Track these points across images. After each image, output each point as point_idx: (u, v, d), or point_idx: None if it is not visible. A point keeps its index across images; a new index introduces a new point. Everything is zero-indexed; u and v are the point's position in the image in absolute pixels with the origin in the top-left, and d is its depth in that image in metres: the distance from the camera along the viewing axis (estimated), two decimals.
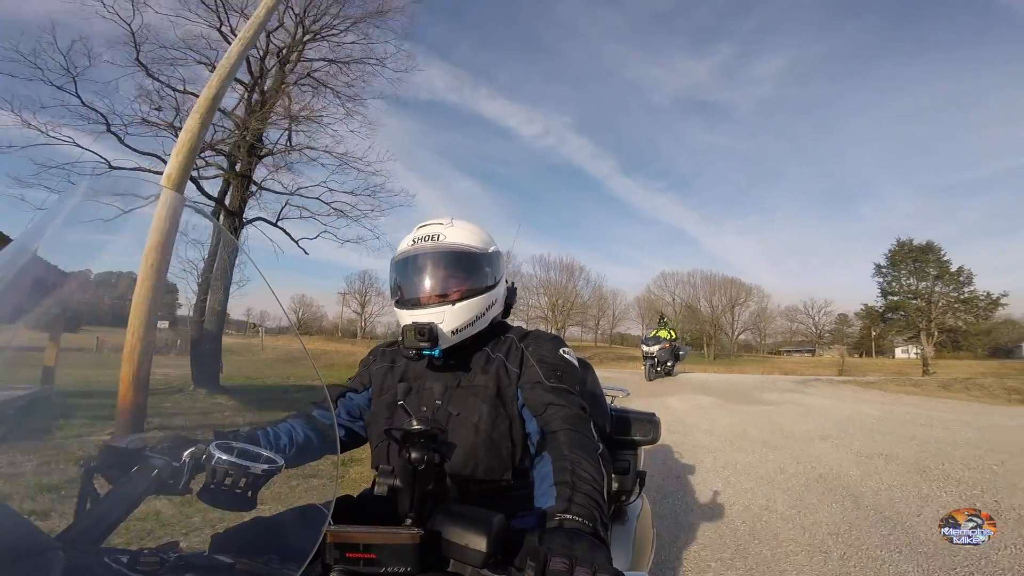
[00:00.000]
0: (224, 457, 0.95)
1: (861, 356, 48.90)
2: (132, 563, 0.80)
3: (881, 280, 38.31)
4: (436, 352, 1.36)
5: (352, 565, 0.79)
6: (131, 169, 10.57)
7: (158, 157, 10.58)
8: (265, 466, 0.96)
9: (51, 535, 0.79)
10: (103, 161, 10.42)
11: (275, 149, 12.33)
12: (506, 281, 1.56)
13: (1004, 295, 34.61)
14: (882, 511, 3.92)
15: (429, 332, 1.32)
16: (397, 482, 1.00)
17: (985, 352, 43.55)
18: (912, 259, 36.56)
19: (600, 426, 1.50)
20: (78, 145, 10.31)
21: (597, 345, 55.41)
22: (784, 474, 4.95)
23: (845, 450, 5.93)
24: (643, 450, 1.92)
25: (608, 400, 1.92)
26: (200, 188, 11.40)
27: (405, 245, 1.46)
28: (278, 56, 12.66)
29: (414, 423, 1.03)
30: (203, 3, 11.60)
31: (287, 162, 12.42)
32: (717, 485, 4.61)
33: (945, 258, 36.06)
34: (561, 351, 1.42)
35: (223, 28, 11.83)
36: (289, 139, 12.53)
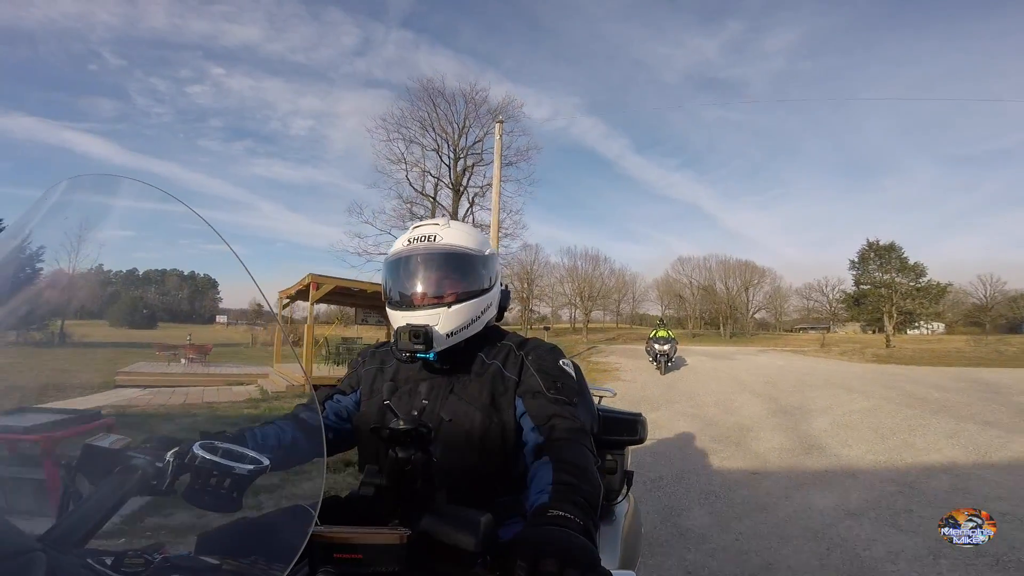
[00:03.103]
0: (208, 457, 0.93)
1: (874, 332, 48.27)
2: (116, 564, 0.80)
3: (854, 272, 47.88)
4: (431, 355, 1.32)
5: (340, 566, 0.78)
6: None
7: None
8: (250, 467, 0.94)
9: (32, 536, 0.77)
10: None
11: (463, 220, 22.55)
12: (500, 284, 1.51)
13: (949, 284, 44.14)
14: (737, 383, 13.60)
15: (424, 335, 1.28)
16: (383, 481, 1.00)
17: (998, 328, 49.23)
18: (878, 256, 45.94)
19: (588, 427, 1.40)
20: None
21: (619, 326, 61.75)
22: (730, 380, 14.56)
23: (744, 375, 15.47)
24: (630, 450, 1.90)
25: (595, 400, 1.84)
26: None
27: (400, 245, 1.42)
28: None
29: (401, 423, 1.00)
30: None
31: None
32: (717, 382, 14.18)
33: (904, 255, 45.44)
34: (560, 362, 1.41)
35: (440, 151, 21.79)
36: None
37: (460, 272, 1.38)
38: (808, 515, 3.60)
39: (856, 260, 47.70)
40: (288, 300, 15.62)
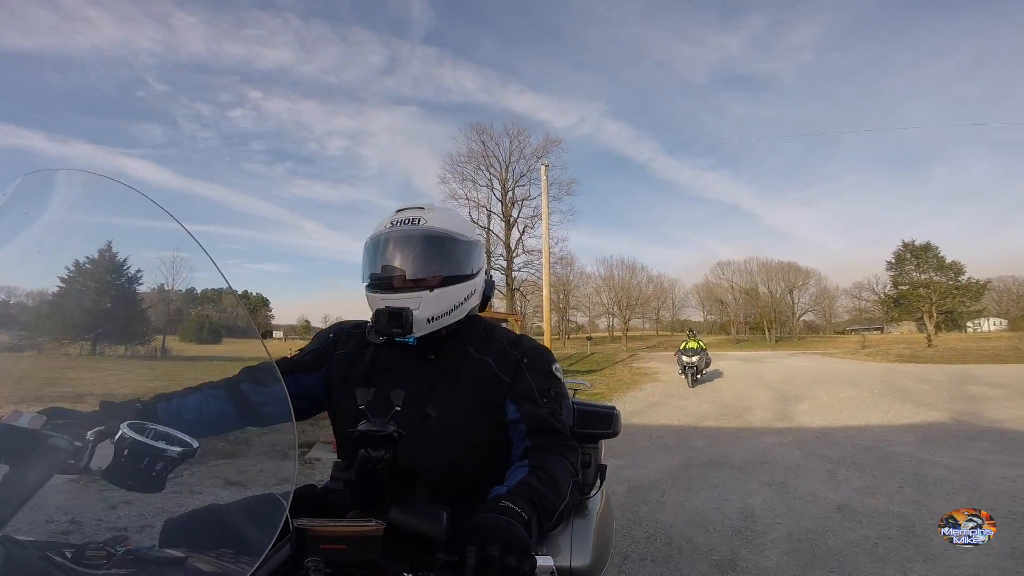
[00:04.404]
0: (138, 439, 0.90)
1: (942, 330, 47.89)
2: (77, 557, 0.79)
3: (892, 273, 49.09)
4: (410, 340, 1.30)
5: (325, 555, 0.82)
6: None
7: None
8: (180, 448, 0.92)
9: None
10: None
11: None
12: (485, 273, 1.47)
13: (988, 281, 44.95)
14: (758, 380, 16.38)
15: (403, 318, 1.25)
16: (352, 477, 1.03)
17: None
18: (914, 256, 47.10)
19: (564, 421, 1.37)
20: None
21: (659, 333, 63.64)
22: (752, 378, 17.33)
23: (768, 375, 18.21)
24: (603, 443, 1.91)
25: (570, 393, 1.78)
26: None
27: (382, 227, 1.36)
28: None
29: (372, 424, 1.02)
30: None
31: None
32: (740, 380, 17.04)
33: (941, 254, 46.45)
34: (553, 368, 1.39)
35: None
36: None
37: (443, 256, 1.33)
38: (757, 445, 6.66)
39: (892, 261, 48.87)
40: None
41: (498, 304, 30.17)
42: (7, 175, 1.00)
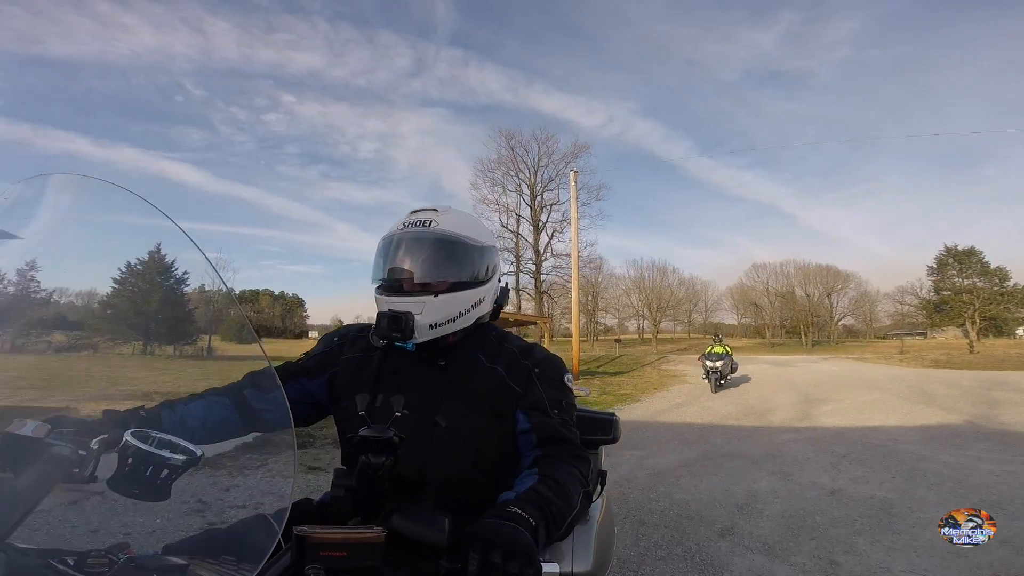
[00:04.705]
0: (142, 447, 0.91)
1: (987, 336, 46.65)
2: (79, 565, 0.80)
3: (933, 279, 47.93)
4: (409, 345, 1.29)
5: (326, 563, 0.82)
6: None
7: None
8: (183, 457, 0.93)
9: None
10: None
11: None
12: (499, 280, 1.45)
13: None
14: (786, 383, 16.66)
15: (404, 323, 1.23)
16: (353, 483, 1.02)
17: None
18: (957, 261, 45.88)
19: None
20: None
21: (690, 336, 62.74)
22: (780, 381, 17.61)
23: (796, 379, 18.42)
24: (603, 449, 1.94)
25: None
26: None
27: (394, 228, 1.35)
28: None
29: (372, 430, 1.03)
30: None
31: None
32: (767, 384, 17.35)
33: (985, 260, 45.14)
34: (565, 378, 1.38)
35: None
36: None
37: (452, 260, 1.30)
38: (772, 441, 7.22)
39: (934, 266, 47.68)
40: None
41: (526, 306, 30.98)
42: None
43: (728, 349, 15.06)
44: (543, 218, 32.21)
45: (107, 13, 65.53)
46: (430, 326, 1.26)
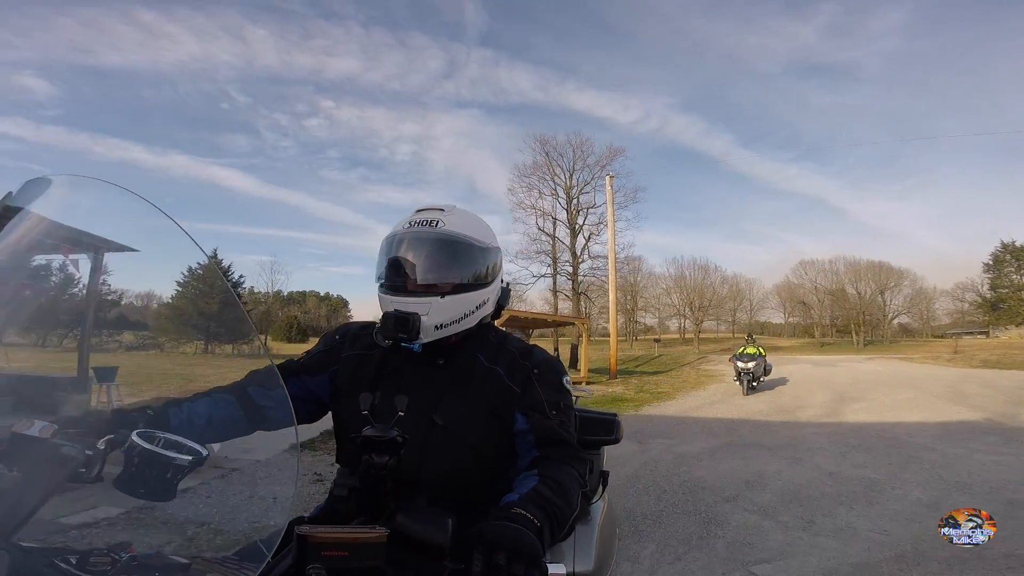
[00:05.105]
0: (149, 447, 0.92)
1: None
2: (82, 563, 0.81)
3: (989, 276, 46.24)
4: (415, 347, 1.30)
5: (328, 562, 0.82)
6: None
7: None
8: (190, 457, 0.94)
9: None
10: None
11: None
12: (501, 281, 1.46)
13: None
14: (824, 383, 16.99)
15: (411, 323, 1.23)
16: (356, 483, 1.04)
17: None
18: (1015, 258, 44.12)
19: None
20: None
21: (734, 336, 59.79)
22: (819, 382, 17.92)
23: (836, 379, 18.62)
24: (605, 449, 1.96)
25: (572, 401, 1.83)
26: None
27: (399, 227, 1.35)
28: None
29: (376, 430, 1.04)
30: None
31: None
32: (805, 384, 17.73)
33: None
34: (563, 380, 1.39)
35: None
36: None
37: (458, 261, 1.32)
38: (794, 435, 7.94)
39: (990, 263, 45.96)
40: None
41: (563, 307, 31.79)
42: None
43: (761, 350, 14.66)
44: (579, 221, 32.93)
45: (151, 22, 69.29)
46: (436, 327, 1.27)
